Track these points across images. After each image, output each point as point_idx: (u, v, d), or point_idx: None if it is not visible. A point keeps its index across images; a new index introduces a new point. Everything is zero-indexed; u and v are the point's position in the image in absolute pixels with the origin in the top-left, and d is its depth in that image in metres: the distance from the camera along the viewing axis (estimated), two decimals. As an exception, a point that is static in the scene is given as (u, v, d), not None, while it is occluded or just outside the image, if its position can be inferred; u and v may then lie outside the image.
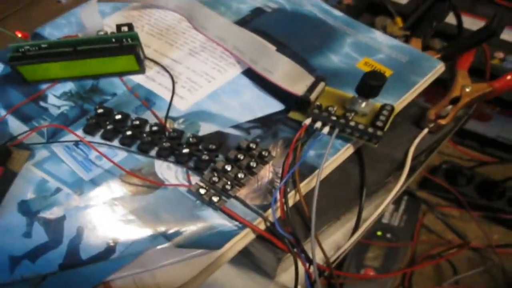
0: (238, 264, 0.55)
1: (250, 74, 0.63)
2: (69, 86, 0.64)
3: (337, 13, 0.72)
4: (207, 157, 0.53)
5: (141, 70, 0.64)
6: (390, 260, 0.84)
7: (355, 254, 0.88)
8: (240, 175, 0.52)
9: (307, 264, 0.49)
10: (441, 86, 0.65)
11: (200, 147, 0.55)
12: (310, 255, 0.49)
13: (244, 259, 0.53)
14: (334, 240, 0.54)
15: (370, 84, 0.52)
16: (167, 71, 0.64)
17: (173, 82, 0.63)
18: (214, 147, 0.54)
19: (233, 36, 0.65)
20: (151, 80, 0.64)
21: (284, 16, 0.72)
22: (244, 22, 0.71)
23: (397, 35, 0.70)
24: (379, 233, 0.90)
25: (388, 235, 0.87)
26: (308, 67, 0.60)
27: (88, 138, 0.57)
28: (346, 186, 0.58)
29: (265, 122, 0.58)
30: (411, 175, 0.62)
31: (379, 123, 0.54)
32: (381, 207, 0.57)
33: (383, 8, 0.79)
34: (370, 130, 0.53)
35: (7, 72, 0.67)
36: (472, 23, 0.84)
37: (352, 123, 0.54)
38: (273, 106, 0.60)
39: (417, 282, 0.89)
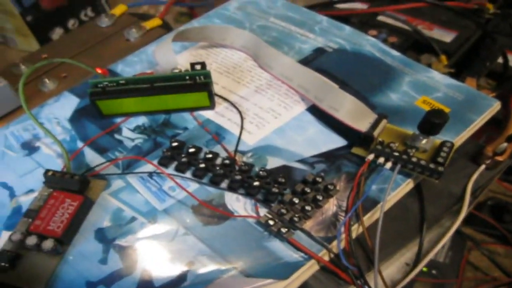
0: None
1: (314, 110, 0.63)
2: (142, 120, 0.65)
3: (395, 53, 0.71)
4: (276, 190, 0.53)
5: (211, 106, 0.64)
6: None
7: (402, 290, 0.86)
8: (307, 208, 0.51)
9: None
10: (493, 124, 0.63)
11: (269, 180, 0.53)
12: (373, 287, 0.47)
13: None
14: (388, 274, 0.52)
15: (433, 122, 0.52)
16: (236, 107, 0.64)
17: (242, 118, 0.63)
18: (283, 180, 0.54)
19: (298, 74, 0.65)
20: (220, 115, 0.64)
21: (344, 56, 0.72)
22: (306, 61, 0.71)
23: (442, 73, 0.68)
24: (424, 269, 0.88)
25: (434, 271, 0.85)
26: (369, 105, 0.59)
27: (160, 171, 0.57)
28: (405, 220, 0.57)
29: (329, 157, 0.58)
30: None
31: (440, 159, 0.53)
32: (442, 241, 0.56)
33: (428, 46, 0.78)
34: (432, 166, 0.52)
35: (83, 106, 0.68)
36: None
37: (414, 159, 0.53)
38: (336, 141, 0.59)
39: (463, 320, 0.86)
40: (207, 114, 0.65)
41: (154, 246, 0.51)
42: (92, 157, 0.61)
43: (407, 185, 0.56)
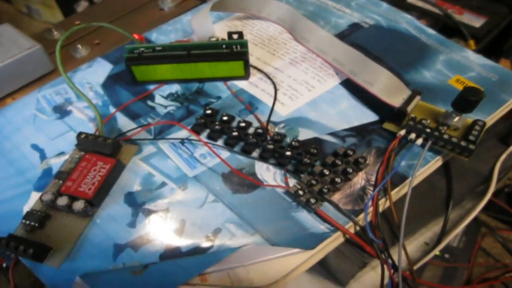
0: (310, 270, 0.52)
1: (348, 84, 0.63)
2: (175, 87, 0.64)
3: (431, 31, 0.71)
4: (308, 161, 0.52)
5: (246, 76, 0.63)
6: (447, 280, 0.80)
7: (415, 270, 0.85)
8: (337, 180, 0.50)
9: (392, 271, 0.48)
10: None
11: (300, 151, 0.53)
12: (396, 262, 0.47)
13: (317, 265, 0.51)
14: (408, 251, 0.51)
15: (469, 99, 0.51)
16: (270, 79, 0.63)
17: (275, 89, 0.62)
18: (315, 151, 0.53)
19: (333, 48, 0.64)
20: (254, 86, 0.63)
21: (380, 32, 0.71)
22: (342, 36, 0.70)
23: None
24: (438, 252, 0.86)
25: (446, 255, 0.83)
26: (402, 81, 0.58)
27: (194, 137, 0.56)
28: (431, 197, 0.57)
29: (360, 131, 0.57)
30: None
31: (471, 137, 0.52)
32: (464, 222, 0.56)
33: (457, 31, 0.77)
34: (463, 143, 0.52)
35: (116, 72, 0.68)
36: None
37: (445, 136, 0.52)
38: (368, 116, 0.59)
39: (472, 305, 0.85)
40: (241, 84, 0.64)
41: (183, 212, 0.51)
42: (124, 123, 0.60)
43: (436, 162, 0.56)
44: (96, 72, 0.68)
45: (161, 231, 0.49)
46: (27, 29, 0.98)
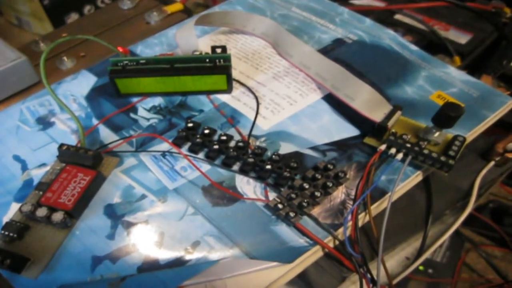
0: (289, 284, 0.52)
1: (330, 99, 0.63)
2: (158, 100, 0.64)
3: (413, 47, 0.71)
4: (288, 174, 0.52)
5: (228, 90, 0.63)
6: None
7: (396, 286, 0.85)
8: (317, 194, 0.50)
9: (371, 285, 0.48)
10: (501, 127, 0.64)
11: (281, 164, 0.53)
12: (375, 276, 0.47)
13: (297, 279, 0.51)
14: (388, 266, 0.51)
15: (449, 114, 0.51)
16: (252, 92, 0.63)
17: (258, 103, 0.62)
18: (295, 165, 0.53)
19: (316, 63, 0.64)
20: (236, 99, 0.63)
21: (363, 48, 0.71)
22: (325, 51, 0.71)
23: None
24: (421, 267, 0.86)
25: (430, 270, 0.84)
26: (384, 97, 0.58)
27: (175, 150, 0.56)
28: (412, 212, 0.58)
29: (341, 146, 0.57)
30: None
31: (451, 153, 0.52)
32: (444, 236, 0.57)
33: (442, 47, 0.77)
34: (443, 158, 0.52)
35: (100, 84, 0.68)
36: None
37: (425, 151, 0.53)
38: (349, 131, 0.59)
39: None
40: (223, 97, 0.64)
41: (162, 224, 0.51)
42: (107, 135, 0.60)
43: (416, 177, 0.56)
44: (80, 84, 0.68)
45: (140, 243, 0.49)
46: (16, 40, 0.98)
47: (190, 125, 0.59)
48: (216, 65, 0.61)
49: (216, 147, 0.56)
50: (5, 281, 0.48)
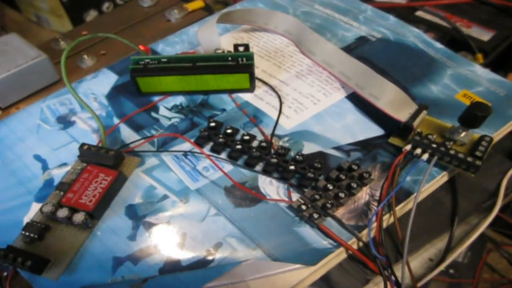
0: (312, 286, 0.51)
1: (353, 98, 0.62)
2: (179, 99, 0.64)
3: (438, 45, 0.70)
4: (312, 175, 0.51)
5: (251, 88, 0.63)
6: None
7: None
8: (341, 195, 0.50)
9: None
10: None
11: (304, 165, 0.52)
12: (399, 279, 0.47)
13: (319, 281, 0.50)
14: (412, 268, 0.50)
15: (476, 114, 0.50)
16: (275, 91, 0.63)
17: (281, 102, 0.61)
18: (319, 165, 0.53)
19: (340, 62, 0.64)
20: (259, 99, 0.63)
21: (387, 46, 0.71)
22: (349, 49, 0.70)
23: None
24: (443, 268, 0.85)
25: (451, 271, 0.82)
26: (409, 96, 0.57)
27: (197, 149, 0.56)
28: (436, 213, 0.56)
29: (365, 146, 0.56)
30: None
31: (478, 153, 0.51)
32: (471, 239, 0.55)
33: (465, 44, 0.76)
34: (470, 159, 0.51)
35: (121, 83, 0.67)
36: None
37: (451, 152, 0.52)
38: (374, 130, 0.58)
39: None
40: (246, 96, 0.64)
41: (184, 225, 0.50)
42: (128, 134, 0.60)
43: (442, 178, 0.55)
44: (101, 83, 0.67)
45: (161, 244, 0.49)
46: (35, 38, 0.98)
47: (212, 124, 0.58)
48: (239, 63, 0.61)
49: (238, 147, 0.55)
50: (26, 282, 0.47)
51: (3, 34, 0.72)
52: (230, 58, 0.61)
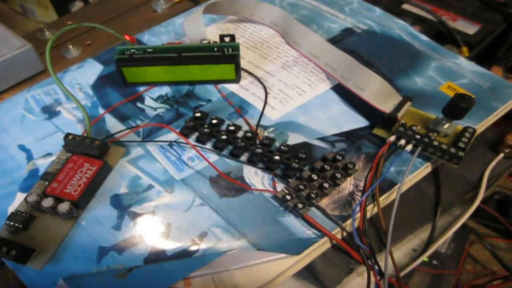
0: (296, 275, 0.52)
1: (339, 90, 0.62)
2: (165, 90, 0.64)
3: (424, 37, 0.70)
4: (296, 165, 0.52)
5: (237, 79, 0.63)
6: (434, 286, 0.80)
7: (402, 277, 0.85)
8: (325, 185, 0.50)
9: (378, 277, 0.47)
10: (510, 119, 0.63)
11: (289, 155, 0.52)
12: (382, 268, 0.47)
13: (303, 270, 0.51)
14: (395, 258, 0.51)
15: (460, 106, 0.51)
16: (261, 82, 0.63)
17: (266, 93, 0.62)
18: (304, 156, 0.53)
19: (326, 53, 0.64)
20: (244, 89, 0.63)
21: (373, 38, 0.71)
22: (334, 41, 0.70)
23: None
24: (426, 259, 0.86)
25: (434, 262, 0.83)
26: (394, 87, 0.57)
27: (182, 140, 0.56)
28: (420, 204, 0.57)
29: (350, 137, 0.57)
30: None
31: (461, 144, 0.52)
32: (452, 229, 0.56)
33: (451, 38, 0.77)
34: (453, 150, 0.51)
35: (106, 73, 0.67)
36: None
37: (435, 143, 0.52)
38: (358, 121, 0.58)
39: (459, 312, 0.85)
40: (231, 87, 0.64)
41: (169, 215, 0.50)
42: (113, 124, 0.60)
43: (425, 169, 0.55)
44: (86, 73, 0.67)
45: (146, 234, 0.49)
46: (20, 28, 0.98)
47: (197, 114, 0.58)
48: (225, 54, 0.61)
49: (224, 137, 0.55)
50: (11, 272, 0.48)
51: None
52: (215, 49, 0.61)
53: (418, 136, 0.53)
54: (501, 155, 0.62)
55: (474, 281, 0.86)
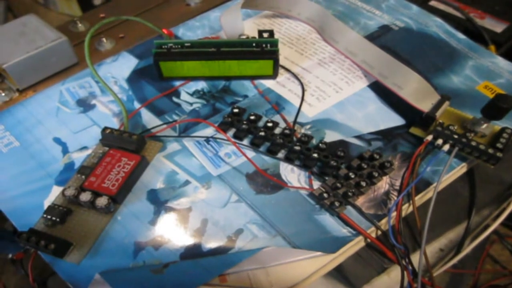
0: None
1: (376, 87, 0.63)
2: (201, 85, 0.64)
3: (461, 36, 0.70)
4: (334, 163, 0.52)
5: (274, 75, 0.63)
6: (453, 286, 0.80)
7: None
8: (362, 183, 0.50)
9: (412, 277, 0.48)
10: None
11: (327, 153, 0.53)
12: (416, 268, 0.47)
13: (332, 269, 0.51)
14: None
15: (501, 106, 0.51)
16: (298, 79, 0.64)
17: (303, 90, 0.62)
18: (342, 154, 0.53)
19: (363, 50, 0.64)
20: (281, 86, 0.63)
21: (410, 35, 0.71)
22: (371, 38, 0.70)
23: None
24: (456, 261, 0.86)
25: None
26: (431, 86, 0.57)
27: (219, 135, 0.57)
28: (454, 205, 0.57)
29: (386, 135, 0.57)
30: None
31: (499, 145, 0.52)
32: (489, 230, 0.56)
33: (478, 35, 0.77)
34: (491, 151, 0.52)
35: (141, 67, 0.68)
36: None
37: (473, 143, 0.52)
38: (395, 120, 0.59)
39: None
40: (268, 83, 0.64)
41: (206, 211, 0.51)
42: (149, 119, 0.61)
43: (461, 169, 0.56)
44: (121, 66, 0.68)
45: (182, 230, 0.50)
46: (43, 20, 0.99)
47: (235, 110, 0.59)
48: (264, 49, 0.61)
49: (261, 133, 0.56)
50: (47, 265, 0.48)
51: (10, 16, 0.73)
52: (254, 44, 0.61)
53: (456, 136, 0.53)
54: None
55: (493, 281, 0.86)
